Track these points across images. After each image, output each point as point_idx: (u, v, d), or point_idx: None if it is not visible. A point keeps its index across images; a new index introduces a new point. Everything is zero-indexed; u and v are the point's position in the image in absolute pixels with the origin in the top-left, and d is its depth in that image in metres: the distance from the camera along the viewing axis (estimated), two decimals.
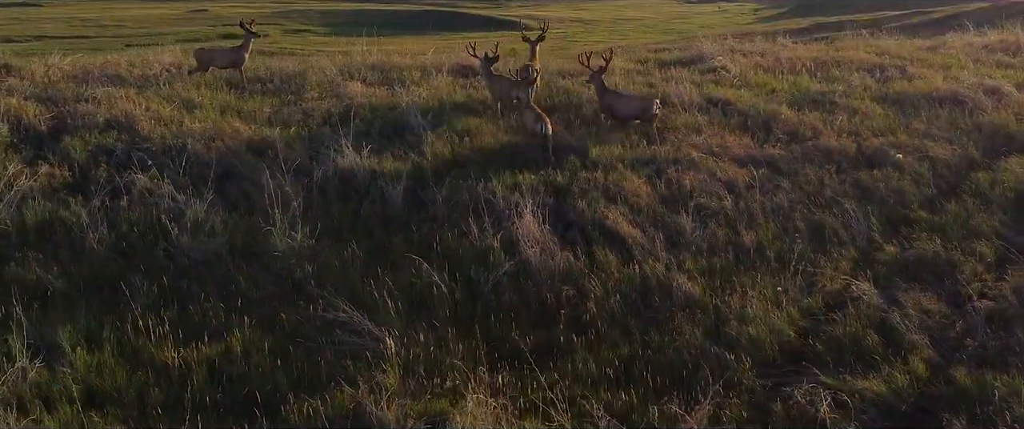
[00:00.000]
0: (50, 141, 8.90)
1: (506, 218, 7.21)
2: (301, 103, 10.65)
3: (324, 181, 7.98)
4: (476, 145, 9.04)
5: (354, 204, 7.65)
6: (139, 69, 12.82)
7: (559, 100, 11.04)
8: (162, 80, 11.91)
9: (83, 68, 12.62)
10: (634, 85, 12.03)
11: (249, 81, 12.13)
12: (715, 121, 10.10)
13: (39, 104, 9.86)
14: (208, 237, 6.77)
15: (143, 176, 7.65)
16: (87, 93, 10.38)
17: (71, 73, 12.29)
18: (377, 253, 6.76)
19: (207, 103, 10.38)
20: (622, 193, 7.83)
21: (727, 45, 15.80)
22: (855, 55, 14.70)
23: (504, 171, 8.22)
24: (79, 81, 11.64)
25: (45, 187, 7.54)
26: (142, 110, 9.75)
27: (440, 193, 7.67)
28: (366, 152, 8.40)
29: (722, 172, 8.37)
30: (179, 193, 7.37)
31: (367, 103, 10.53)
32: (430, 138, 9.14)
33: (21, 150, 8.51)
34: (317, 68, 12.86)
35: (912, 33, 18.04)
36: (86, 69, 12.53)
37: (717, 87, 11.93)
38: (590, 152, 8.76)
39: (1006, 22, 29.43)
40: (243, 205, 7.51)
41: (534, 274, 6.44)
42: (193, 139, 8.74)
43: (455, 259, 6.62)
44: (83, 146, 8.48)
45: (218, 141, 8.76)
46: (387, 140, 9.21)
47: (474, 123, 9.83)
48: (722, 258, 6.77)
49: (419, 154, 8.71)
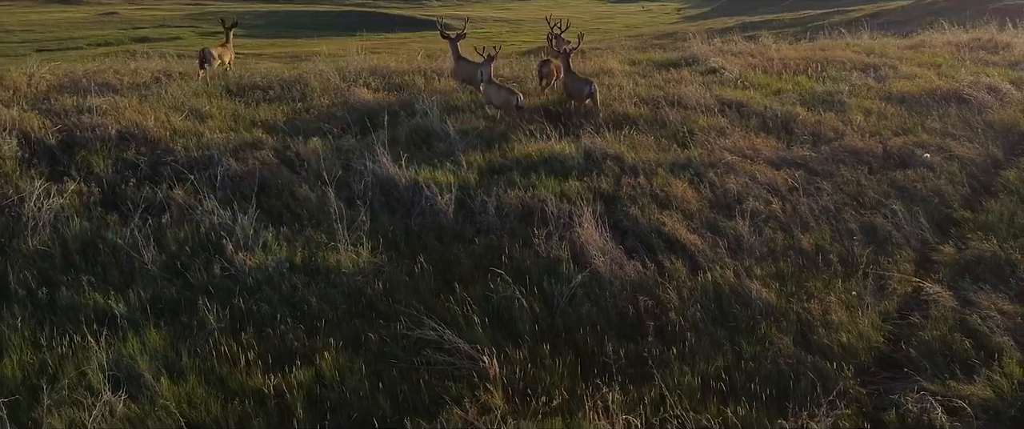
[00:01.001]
0: (63, 156, 8.51)
1: (563, 227, 7.12)
2: (314, 111, 10.40)
3: (365, 193, 7.77)
4: (509, 152, 8.94)
5: (403, 216, 7.46)
6: (127, 77, 12.39)
7: (571, 104, 10.97)
8: (156, 88, 11.53)
9: (68, 77, 12.13)
10: (638, 87, 12.04)
11: (248, 88, 11.83)
12: (735, 123, 10.17)
13: (41, 116, 9.41)
14: (265, 254, 6.52)
15: (181, 191, 7.35)
16: (88, 104, 9.96)
17: (56, 82, 11.82)
18: (443, 267, 6.59)
19: (217, 112, 10.06)
20: (671, 198, 7.80)
21: (715, 46, 15.94)
22: (843, 54, 14.99)
23: (546, 178, 8.13)
24: (69, 91, 11.20)
25: (77, 205, 7.18)
26: (152, 121, 9.39)
27: (491, 202, 7.54)
28: (404, 162, 8.23)
29: (761, 175, 8.41)
30: (223, 208, 7.10)
31: (380, 109, 10.32)
32: (460, 145, 9.02)
33: (36, 165, 8.12)
34: (315, 73, 12.58)
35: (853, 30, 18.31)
36: (72, 78, 12.05)
37: (724, 88, 12.01)
38: (628, 157, 8.73)
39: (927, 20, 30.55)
40: (289, 219, 7.27)
41: (606, 285, 6.35)
42: (218, 151, 8.45)
43: (523, 271, 6.49)
44: (105, 161, 8.12)
45: (245, 152, 8.49)
46: (416, 148, 9.03)
47: (498, 129, 9.73)
48: (786, 263, 6.78)
49: (454, 162, 8.56)
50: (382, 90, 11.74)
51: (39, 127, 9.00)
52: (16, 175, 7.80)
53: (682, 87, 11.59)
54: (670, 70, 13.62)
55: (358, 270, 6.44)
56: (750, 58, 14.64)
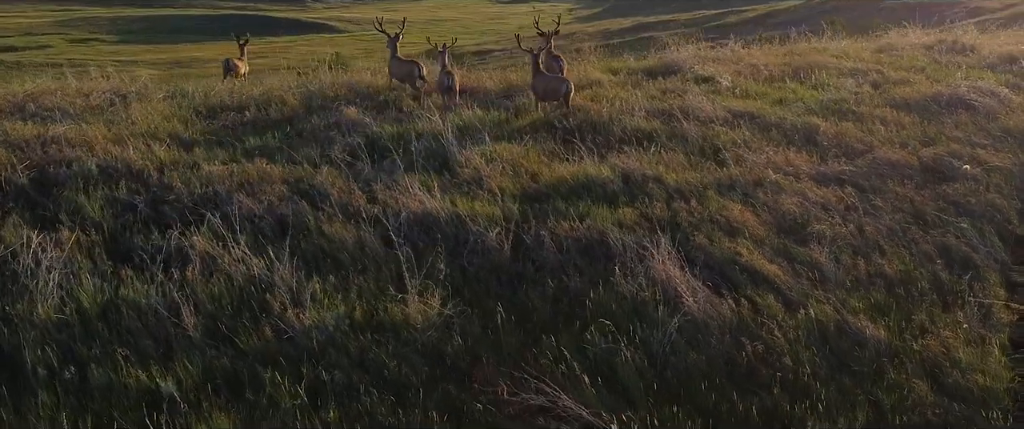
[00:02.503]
0: (40, 197, 7.49)
1: (634, 262, 6.59)
2: (307, 135, 9.56)
3: (402, 230, 7.06)
4: (540, 177, 8.35)
5: (452, 256, 6.78)
6: (78, 99, 11.27)
7: (576, 120, 10.44)
8: (115, 111, 10.50)
9: (8, 100, 10.96)
10: (637, 99, 11.60)
11: (218, 109, 10.90)
12: (757, 136, 9.84)
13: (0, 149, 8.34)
14: (319, 310, 5.77)
15: (200, 238, 6.49)
16: (52, 133, 8.89)
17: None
18: (518, 315, 5.96)
19: (202, 139, 9.14)
20: (732, 224, 7.36)
21: (692, 52, 15.68)
22: (821, 59, 14.93)
23: (594, 206, 7.58)
24: (14, 116, 10.07)
25: (81, 258, 6.24)
26: (133, 152, 8.42)
27: (546, 236, 6.94)
28: (436, 191, 7.55)
29: (811, 193, 8.07)
30: (254, 256, 6.28)
31: (381, 132, 9.58)
32: (484, 170, 8.38)
33: (12, 210, 7.09)
34: (289, 91, 11.71)
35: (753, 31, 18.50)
36: (13, 102, 10.89)
37: (726, 98, 11.70)
38: (668, 179, 8.26)
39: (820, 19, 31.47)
40: (329, 265, 6.49)
41: (702, 328, 5.85)
42: (222, 185, 7.59)
43: (608, 315, 5.93)
44: (96, 202, 7.15)
45: (253, 186, 7.64)
46: (436, 174, 8.35)
47: (514, 151, 9.10)
48: (878, 293, 6.42)
49: (486, 190, 7.93)
50: (371, 109, 10.95)
51: (3, 164, 7.93)
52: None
53: (687, 98, 11.21)
54: (658, 79, 13.25)
55: (429, 323, 5.74)
56: (733, 65, 14.42)
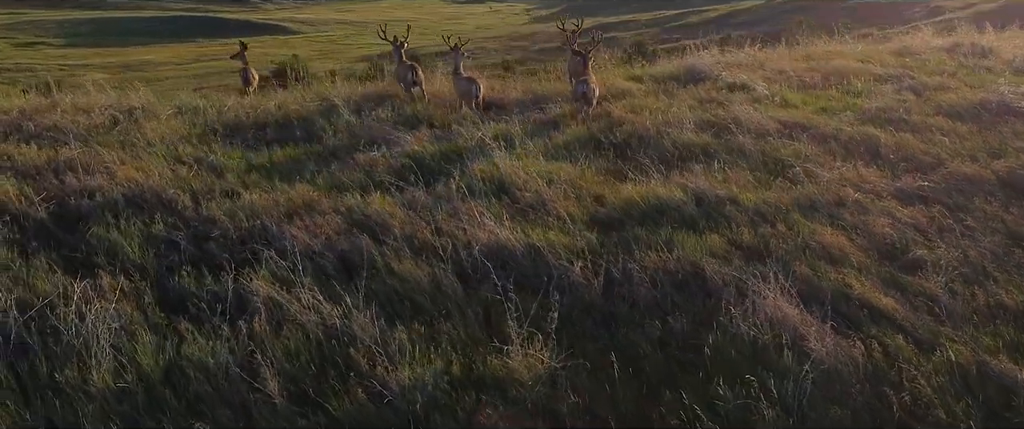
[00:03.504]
0: (65, 233, 6.72)
1: (731, 296, 6.00)
2: (346, 157, 8.83)
3: (475, 265, 6.39)
4: (607, 199, 7.73)
5: (536, 293, 6.12)
6: (77, 115, 10.45)
7: (622, 134, 9.83)
8: (124, 130, 9.70)
9: (6, 122, 10.12)
10: (676, 110, 11.03)
11: (234, 126, 10.14)
12: (818, 149, 9.31)
13: (9, 180, 7.54)
14: (412, 365, 5.09)
15: (262, 282, 5.76)
16: (63, 158, 8.10)
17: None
18: (625, 362, 5.33)
19: (231, 163, 8.39)
20: (827, 250, 6.80)
21: (715, 57, 15.16)
22: (843, 63, 14.46)
23: (673, 231, 6.98)
24: (15, 137, 9.25)
25: (129, 310, 5.49)
26: (159, 179, 7.66)
27: (634, 269, 6.31)
28: (505, 222, 6.89)
29: (898, 213, 7.54)
30: (324, 302, 5.58)
31: (423, 151, 8.90)
32: (546, 193, 7.74)
33: (36, 251, 6.31)
34: (307, 105, 10.98)
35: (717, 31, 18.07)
36: (8, 121, 10.04)
37: (767, 107, 11.17)
38: (744, 200, 7.68)
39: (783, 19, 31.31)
40: (407, 310, 5.81)
41: (837, 376, 5.27)
42: (269, 217, 6.86)
43: (726, 363, 5.33)
44: (132, 240, 6.39)
45: (303, 217, 6.93)
46: (495, 198, 7.69)
47: (569, 170, 8.49)
48: (1007, 328, 5.88)
49: (554, 216, 7.29)
50: (399, 124, 10.26)
51: (17, 196, 7.14)
52: (19, 267, 5.99)
53: (732, 109, 10.66)
54: (689, 86, 12.71)
55: (536, 378, 5.09)
56: (758, 70, 13.92)
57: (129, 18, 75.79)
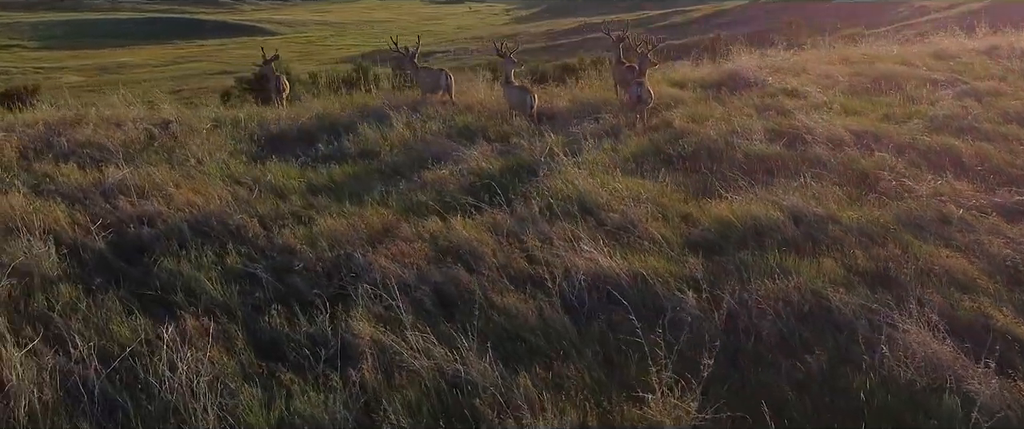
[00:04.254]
0: (127, 265, 6.12)
1: (863, 329, 5.47)
2: (411, 174, 8.24)
3: (581, 297, 5.83)
4: (698, 219, 7.19)
5: (654, 329, 5.57)
6: (109, 130, 9.84)
7: (689, 145, 9.28)
8: (165, 145, 9.11)
9: (30, 135, 9.50)
10: (740, 118, 10.49)
11: (279, 138, 9.55)
12: (898, 161, 8.79)
13: (58, 205, 6.94)
14: (542, 417, 4.52)
15: (364, 323, 5.18)
16: (113, 179, 7.50)
17: (19, 145, 9.19)
18: (769, 408, 4.79)
19: (289, 182, 7.80)
20: (952, 275, 6.27)
21: (756, 61, 14.65)
22: (889, 67, 13.98)
23: (786, 256, 6.44)
24: (49, 155, 8.64)
25: (224, 359, 4.89)
26: (219, 202, 7.07)
27: (750, 299, 5.77)
28: (602, 247, 6.33)
29: (1010, 231, 7.04)
30: (437, 344, 5.00)
31: (490, 167, 8.34)
32: (632, 213, 7.19)
33: (99, 287, 5.71)
34: (348, 114, 10.40)
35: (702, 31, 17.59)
36: (38, 137, 9.42)
37: (831, 115, 10.66)
38: (845, 218, 7.15)
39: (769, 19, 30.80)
40: (519, 351, 5.25)
41: (1003, 422, 4.76)
42: (351, 245, 6.28)
43: (884, 409, 4.80)
44: (213, 276, 5.79)
45: (387, 245, 6.34)
46: (579, 220, 7.13)
47: (649, 187, 7.94)
48: None
49: (648, 240, 6.73)
50: (454, 136, 9.70)
51: (70, 223, 6.53)
52: (86, 307, 5.39)
53: (797, 117, 10.14)
54: (738, 93, 12.20)
55: None
56: (803, 75, 13.44)
57: (105, 20, 74.60)
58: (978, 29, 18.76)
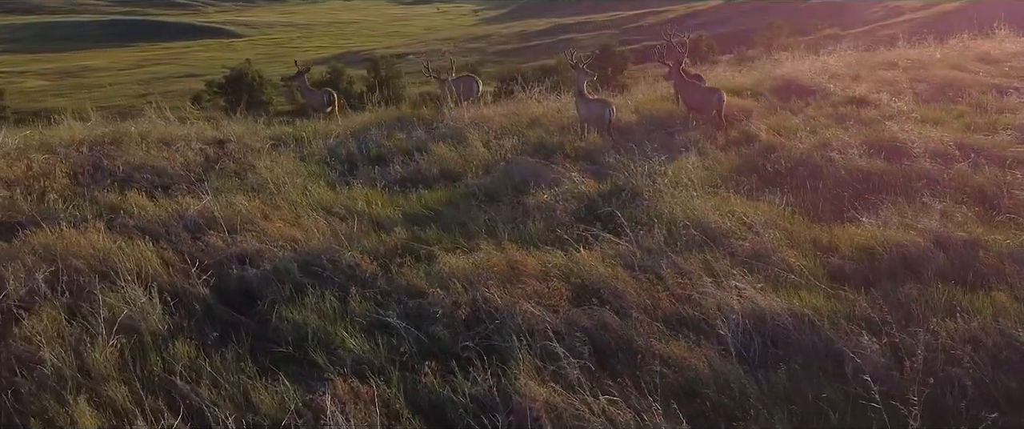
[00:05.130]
0: (239, 314, 5.42)
1: None
2: (508, 199, 7.54)
3: (746, 344, 5.19)
4: (833, 245, 6.57)
5: (834, 381, 4.93)
6: (160, 150, 9.11)
7: (786, 161, 8.65)
8: (229, 168, 8.41)
9: (79, 159, 8.77)
10: (826, 131, 9.90)
11: (349, 160, 8.85)
12: (1016, 177, 8.22)
13: (141, 243, 6.22)
14: None
15: (532, 381, 4.51)
16: (191, 212, 6.78)
17: (68, 169, 8.47)
18: None
19: (383, 211, 7.11)
20: None
21: (810, 66, 14.06)
22: (946, 73, 13.45)
23: (945, 290, 5.83)
24: (107, 181, 7.93)
25: None
26: (320, 237, 6.38)
27: (936, 342, 5.15)
28: (749, 281, 5.70)
29: None
30: (623, 407, 4.35)
31: (590, 190, 7.68)
32: (765, 241, 6.56)
33: (222, 343, 5.01)
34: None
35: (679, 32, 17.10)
36: (81, 158, 8.70)
37: (914, 126, 10.08)
38: (992, 243, 6.56)
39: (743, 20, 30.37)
40: (704, 412, 4.60)
41: None
42: (483, 285, 5.60)
43: None
44: (353, 329, 5.09)
45: (513, 284, 5.66)
46: (707, 250, 6.49)
47: (766, 210, 7.31)
48: None
49: (787, 270, 6.11)
50: (530, 152, 9.05)
51: (162, 265, 5.83)
52: (212, 369, 4.68)
53: (889, 128, 9.55)
54: (809, 100, 11.61)
55: None
56: (861, 81, 12.88)
57: (67, 23, 73.28)
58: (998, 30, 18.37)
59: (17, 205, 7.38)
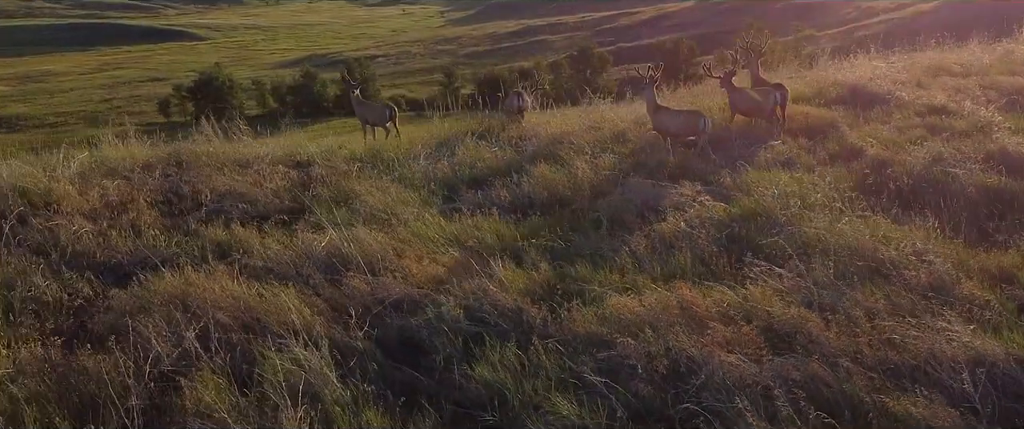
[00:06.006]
0: (413, 373, 4.83)
1: None
2: (635, 226, 6.97)
3: (984, 396, 4.66)
4: (1019, 278, 6.05)
5: None
6: (244, 176, 8.49)
7: (902, 178, 8.14)
8: (322, 194, 7.81)
9: (155, 186, 8.15)
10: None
11: (445, 184, 8.28)
12: None
13: (278, 288, 5.62)
14: None
15: None
16: (321, 248, 6.18)
17: (149, 198, 7.86)
18: None
19: (516, 245, 6.53)
20: None
21: (864, 72, 13.60)
22: (1010, 81, 13.03)
23: None
24: (201, 214, 7.31)
25: None
26: (469, 276, 5.78)
27: None
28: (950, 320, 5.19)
29: None
30: None
31: (723, 215, 7.13)
32: (942, 275, 6.00)
33: (413, 414, 4.41)
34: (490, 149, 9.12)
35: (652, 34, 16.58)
36: (160, 186, 8.10)
37: (1011, 136, 9.63)
38: None
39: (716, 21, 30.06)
40: None
41: None
42: (668, 332, 5.04)
43: None
44: (544, 387, 4.53)
45: (710, 332, 5.12)
46: (875, 285, 5.95)
47: (905, 235, 6.78)
48: None
49: (975, 306, 5.59)
50: (631, 171, 8.50)
51: (311, 315, 5.22)
52: None
53: (994, 140, 9.09)
54: (875, 108, 11.11)
55: None
56: (920, 88, 12.44)
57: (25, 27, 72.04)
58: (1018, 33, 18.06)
59: (113, 243, 6.74)
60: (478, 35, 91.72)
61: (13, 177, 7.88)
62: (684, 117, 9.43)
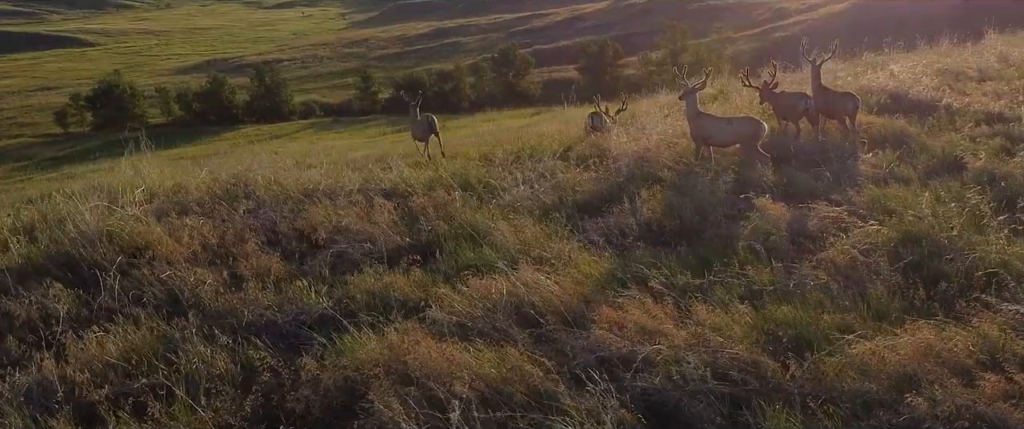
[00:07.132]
0: None
1: None
2: (788, 260, 6.50)
3: None
4: None
5: None
6: (345, 211, 7.78)
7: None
8: (431, 231, 7.19)
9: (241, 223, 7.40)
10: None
11: (556, 207, 7.74)
12: None
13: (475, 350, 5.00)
14: None
15: None
16: (506, 298, 5.56)
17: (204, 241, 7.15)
18: None
19: (690, 283, 6.01)
20: None
21: (888, 77, 13.51)
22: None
23: None
24: (323, 259, 6.61)
25: None
26: (680, 330, 5.25)
27: None
28: None
29: None
30: None
31: (870, 240, 6.73)
32: None
33: None
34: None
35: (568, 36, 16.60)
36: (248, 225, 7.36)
37: None
38: None
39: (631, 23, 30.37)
40: None
41: None
42: (959, 394, 4.57)
43: None
44: None
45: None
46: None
47: None
48: None
49: None
50: (734, 189, 8.11)
51: (552, 383, 4.63)
52: None
53: None
54: (929, 119, 10.96)
55: None
56: (955, 93, 12.43)
57: None
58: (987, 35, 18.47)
59: (252, 298, 5.93)
60: (387, 37, 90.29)
61: (100, 220, 6.95)
62: (737, 124, 9.09)
